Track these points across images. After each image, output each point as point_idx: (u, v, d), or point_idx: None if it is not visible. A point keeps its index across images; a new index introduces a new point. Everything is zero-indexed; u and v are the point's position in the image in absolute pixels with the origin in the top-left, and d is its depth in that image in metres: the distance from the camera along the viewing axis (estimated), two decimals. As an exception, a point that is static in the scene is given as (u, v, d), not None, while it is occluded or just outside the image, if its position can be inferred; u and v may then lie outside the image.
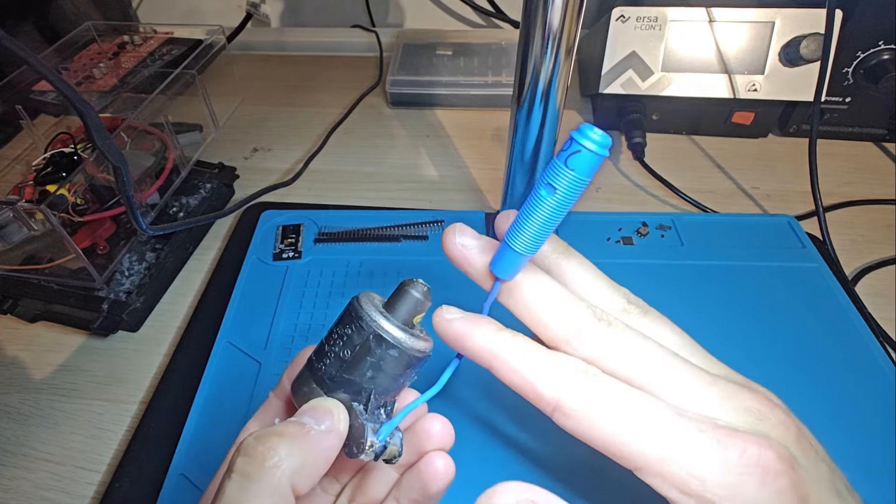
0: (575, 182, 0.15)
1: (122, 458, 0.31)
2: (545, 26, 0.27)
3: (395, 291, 0.19)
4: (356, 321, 0.18)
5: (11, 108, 0.44)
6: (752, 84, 0.48)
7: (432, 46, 0.63)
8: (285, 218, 0.43)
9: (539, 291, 0.18)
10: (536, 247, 0.17)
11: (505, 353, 0.18)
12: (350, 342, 0.18)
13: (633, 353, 0.17)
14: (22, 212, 0.34)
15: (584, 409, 0.16)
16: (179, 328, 0.39)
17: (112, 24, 0.56)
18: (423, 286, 0.19)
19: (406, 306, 0.19)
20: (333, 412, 0.18)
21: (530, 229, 0.17)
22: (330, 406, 0.18)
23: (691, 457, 0.15)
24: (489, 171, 0.51)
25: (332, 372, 0.18)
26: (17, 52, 0.21)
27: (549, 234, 0.17)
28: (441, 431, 0.20)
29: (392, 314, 0.18)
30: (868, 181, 0.49)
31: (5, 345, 0.38)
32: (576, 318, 0.18)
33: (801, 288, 0.38)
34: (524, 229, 0.17)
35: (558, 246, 0.20)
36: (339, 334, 0.19)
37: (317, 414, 0.18)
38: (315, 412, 0.18)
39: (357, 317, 0.18)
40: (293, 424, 0.17)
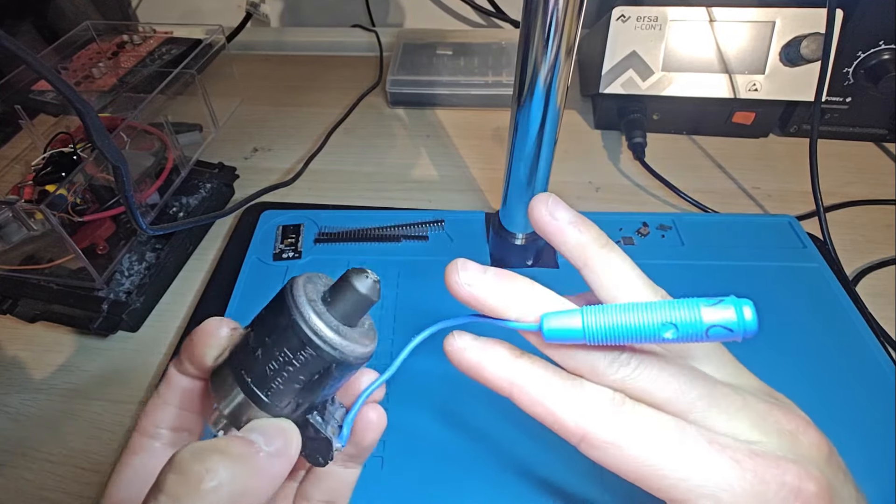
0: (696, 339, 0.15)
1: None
2: (545, 26, 0.27)
3: (338, 281, 0.17)
4: (288, 317, 0.16)
5: (10, 107, 0.44)
6: (753, 84, 0.48)
7: (432, 46, 0.63)
8: (285, 218, 0.43)
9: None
10: (605, 340, 0.15)
11: (526, 382, 0.17)
12: (283, 341, 0.16)
13: (662, 380, 0.16)
14: (21, 212, 0.34)
15: (613, 441, 0.16)
16: (179, 328, 0.39)
17: (111, 24, 0.56)
18: (370, 278, 0.16)
19: (347, 302, 0.16)
20: (287, 433, 0.16)
21: (616, 333, 0.15)
22: (284, 426, 0.16)
23: (728, 490, 0.15)
24: (489, 171, 0.51)
25: (265, 373, 0.16)
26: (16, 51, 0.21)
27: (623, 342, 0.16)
28: (378, 420, 0.20)
29: (331, 308, 0.16)
30: (868, 181, 0.49)
31: (5, 345, 0.38)
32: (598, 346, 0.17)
33: (802, 288, 0.38)
34: (610, 329, 0.15)
35: (599, 237, 0.19)
36: (270, 329, 0.16)
37: (268, 433, 0.16)
38: (266, 431, 0.16)
39: (288, 312, 0.16)
40: (239, 442, 0.16)
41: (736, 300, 0.14)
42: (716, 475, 0.15)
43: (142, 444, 0.19)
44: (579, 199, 0.48)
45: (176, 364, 0.19)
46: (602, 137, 0.55)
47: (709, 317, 0.14)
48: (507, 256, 0.39)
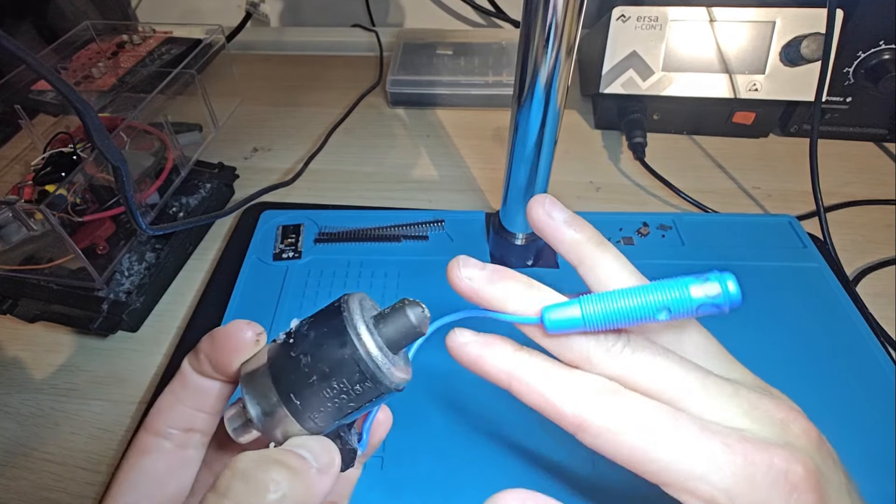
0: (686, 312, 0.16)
1: (122, 458, 0.31)
2: (546, 26, 0.27)
3: (391, 308, 0.17)
4: (348, 348, 0.16)
5: (10, 107, 0.44)
6: (753, 84, 0.48)
7: (432, 46, 0.63)
8: (285, 218, 0.43)
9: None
10: (604, 325, 0.16)
11: (524, 373, 0.17)
12: (340, 370, 0.16)
13: (656, 369, 0.17)
14: (21, 212, 0.34)
15: (609, 428, 0.16)
16: (179, 328, 0.39)
17: (111, 24, 0.56)
18: (424, 312, 0.17)
19: (398, 331, 0.16)
20: (332, 451, 0.17)
21: (613, 317, 0.16)
22: (328, 445, 0.17)
23: (718, 472, 0.15)
24: (489, 171, 0.51)
25: (316, 397, 0.16)
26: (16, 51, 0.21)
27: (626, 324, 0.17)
28: (384, 420, 0.20)
29: (382, 335, 0.16)
30: (869, 181, 0.49)
31: (5, 345, 0.38)
32: (595, 336, 0.17)
33: (802, 288, 0.38)
34: (608, 314, 0.16)
35: (594, 236, 0.19)
36: (323, 353, 0.16)
37: (315, 450, 0.16)
38: (313, 448, 0.16)
39: (349, 341, 0.16)
40: (294, 456, 0.16)
41: (720, 275, 0.15)
42: (707, 459, 0.16)
43: (152, 444, 0.19)
44: (579, 199, 0.48)
45: (193, 364, 0.19)
46: (602, 137, 0.55)
47: (697, 293, 0.15)
48: (508, 256, 0.39)
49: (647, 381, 0.17)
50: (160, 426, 0.19)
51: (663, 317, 0.16)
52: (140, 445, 0.19)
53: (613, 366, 0.17)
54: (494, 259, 0.40)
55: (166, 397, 0.19)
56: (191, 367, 0.19)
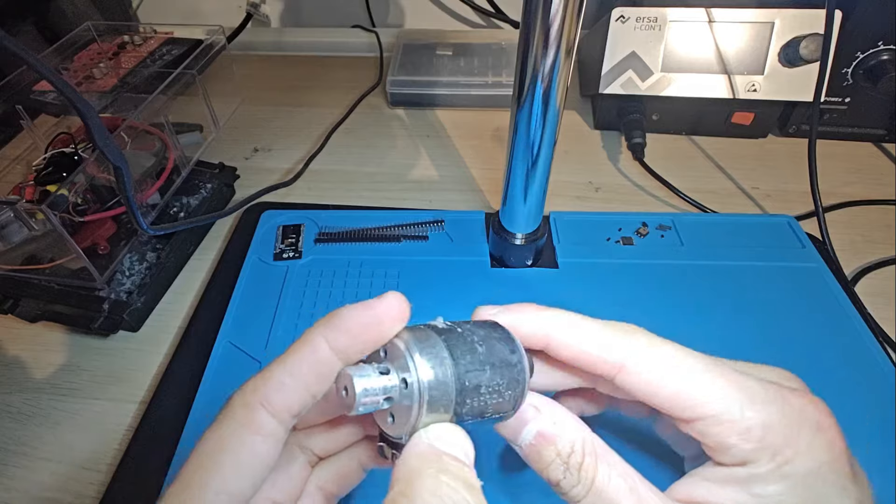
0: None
1: (122, 458, 0.31)
2: (545, 26, 0.27)
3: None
4: (510, 341, 0.17)
5: (12, 108, 0.44)
6: (752, 84, 0.48)
7: (432, 46, 0.63)
8: (286, 218, 0.43)
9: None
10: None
11: (561, 328, 0.18)
12: (500, 354, 0.17)
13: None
14: (22, 212, 0.34)
15: (652, 368, 0.17)
16: (180, 328, 0.39)
17: (112, 24, 0.56)
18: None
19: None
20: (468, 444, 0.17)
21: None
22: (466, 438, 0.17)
23: (755, 407, 0.17)
24: (489, 171, 0.51)
25: (479, 393, 0.16)
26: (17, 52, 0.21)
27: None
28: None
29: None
30: (867, 181, 0.49)
31: (6, 345, 0.39)
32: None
33: (801, 288, 0.38)
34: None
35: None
36: (489, 338, 0.17)
37: (467, 448, 0.16)
38: (465, 447, 0.16)
39: (509, 336, 0.18)
40: (470, 471, 0.16)
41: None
42: (745, 394, 0.17)
43: (268, 424, 0.16)
44: (579, 199, 0.48)
45: (329, 336, 0.17)
46: (602, 137, 0.55)
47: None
48: (507, 256, 0.39)
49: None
50: (279, 406, 0.16)
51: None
52: (255, 422, 0.16)
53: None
54: (494, 258, 0.40)
55: (288, 374, 0.17)
56: (325, 340, 0.17)
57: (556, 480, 0.17)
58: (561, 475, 0.17)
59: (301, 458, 0.21)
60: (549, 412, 0.18)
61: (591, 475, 0.17)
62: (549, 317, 0.19)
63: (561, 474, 0.17)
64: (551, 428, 0.17)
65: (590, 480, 0.17)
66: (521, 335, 0.18)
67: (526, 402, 0.18)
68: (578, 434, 0.17)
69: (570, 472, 0.17)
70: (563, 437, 0.17)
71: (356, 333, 0.16)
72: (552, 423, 0.17)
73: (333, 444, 0.21)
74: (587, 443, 0.17)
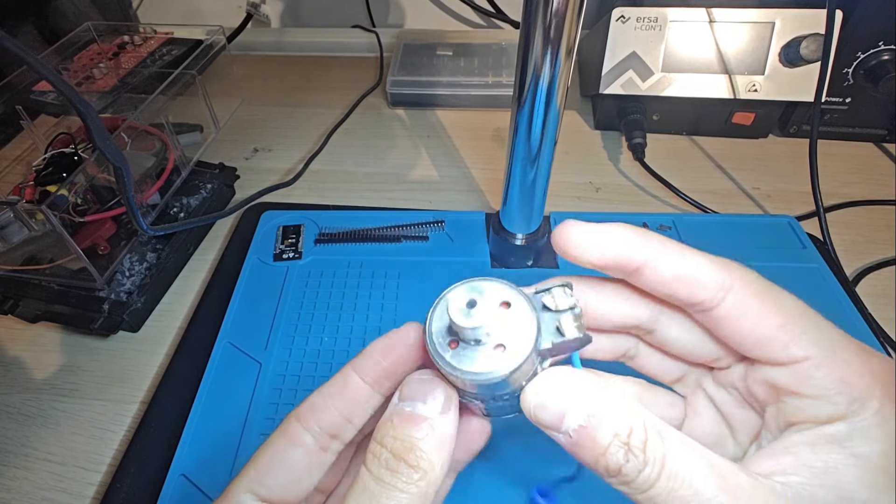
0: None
1: (122, 458, 0.31)
2: (545, 26, 0.27)
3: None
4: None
5: (12, 108, 0.44)
6: (753, 84, 0.48)
7: (432, 47, 0.63)
8: (286, 218, 0.43)
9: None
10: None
11: (661, 251, 0.17)
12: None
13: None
14: (22, 212, 0.34)
15: (756, 301, 0.17)
16: (180, 328, 0.39)
17: (112, 25, 0.56)
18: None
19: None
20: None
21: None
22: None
23: (858, 353, 0.16)
24: (489, 171, 0.51)
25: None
26: (17, 52, 0.21)
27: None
28: (482, 429, 0.20)
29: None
30: (868, 182, 0.49)
31: (6, 345, 0.39)
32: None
33: (802, 288, 0.37)
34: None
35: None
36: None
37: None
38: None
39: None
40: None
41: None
42: (838, 348, 0.17)
43: (302, 436, 0.18)
44: (579, 200, 0.48)
45: (359, 368, 0.19)
46: (602, 138, 0.55)
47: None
48: (508, 257, 0.39)
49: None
50: (310, 422, 0.18)
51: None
52: (291, 434, 0.18)
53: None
54: (494, 259, 0.40)
55: (321, 396, 0.19)
56: (355, 372, 0.19)
57: (616, 468, 0.14)
58: (623, 459, 0.14)
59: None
60: (595, 392, 0.15)
61: (661, 453, 0.14)
62: (648, 238, 0.17)
63: (623, 458, 0.14)
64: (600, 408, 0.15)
65: (660, 460, 0.14)
66: (614, 258, 0.17)
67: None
68: (636, 411, 0.15)
69: (634, 455, 0.14)
70: (617, 417, 0.15)
71: (377, 359, 0.18)
72: (599, 404, 0.15)
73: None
74: (648, 419, 0.15)
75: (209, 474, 0.29)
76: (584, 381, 0.16)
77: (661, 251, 0.17)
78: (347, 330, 0.36)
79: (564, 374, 0.16)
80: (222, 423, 0.31)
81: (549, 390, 0.16)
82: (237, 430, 0.31)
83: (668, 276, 0.17)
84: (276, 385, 0.33)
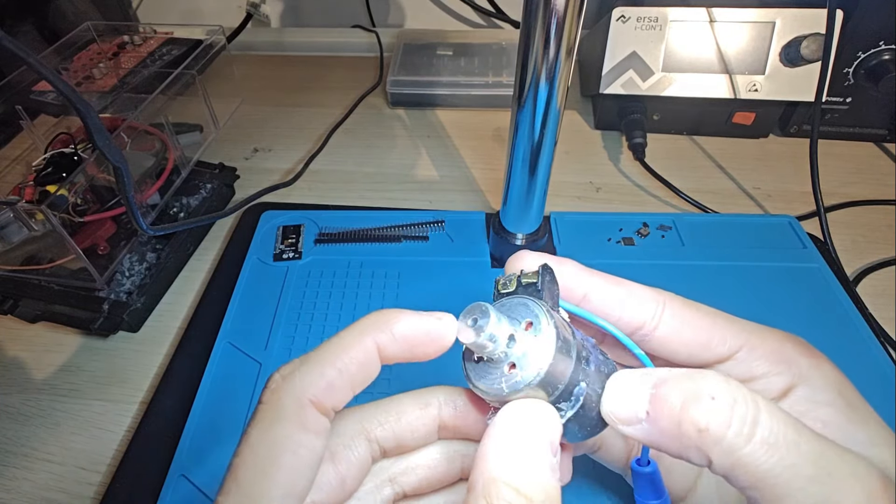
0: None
1: (122, 458, 0.31)
2: (546, 26, 0.27)
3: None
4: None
5: (11, 108, 0.44)
6: (753, 84, 0.48)
7: (433, 46, 0.63)
8: (286, 218, 0.43)
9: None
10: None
11: (604, 279, 0.19)
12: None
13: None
14: (22, 212, 0.34)
15: (688, 309, 0.19)
16: (180, 328, 0.39)
17: (112, 25, 0.56)
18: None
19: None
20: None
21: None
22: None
23: (766, 339, 0.19)
24: (489, 171, 0.51)
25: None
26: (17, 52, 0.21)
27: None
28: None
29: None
30: (869, 181, 0.49)
31: (6, 345, 0.39)
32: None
33: (802, 288, 0.38)
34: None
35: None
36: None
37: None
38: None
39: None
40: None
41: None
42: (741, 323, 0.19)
43: (320, 424, 0.16)
44: (580, 200, 0.48)
45: (382, 341, 0.17)
46: (602, 138, 0.55)
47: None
48: (508, 257, 0.39)
49: None
50: (328, 405, 0.16)
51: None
52: (310, 421, 0.16)
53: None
54: (494, 259, 0.40)
55: (336, 373, 0.16)
56: (376, 342, 0.17)
57: (704, 420, 0.13)
58: (705, 409, 0.13)
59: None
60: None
61: (753, 402, 0.14)
62: (589, 274, 0.19)
63: (706, 407, 0.13)
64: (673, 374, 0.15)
65: (751, 414, 0.13)
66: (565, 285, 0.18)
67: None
68: (701, 372, 0.15)
69: (718, 401, 0.13)
70: (684, 373, 0.15)
71: (410, 345, 0.17)
72: (661, 371, 0.15)
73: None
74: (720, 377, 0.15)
75: (209, 474, 0.29)
76: (639, 372, 0.16)
77: (603, 279, 0.19)
78: (347, 330, 0.36)
79: (623, 377, 0.16)
80: (222, 424, 0.31)
81: (616, 389, 0.16)
82: (237, 430, 0.31)
83: (612, 301, 0.18)
84: (276, 385, 0.33)
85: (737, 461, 0.13)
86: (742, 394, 0.14)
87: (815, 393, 0.17)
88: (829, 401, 0.17)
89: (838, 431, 0.17)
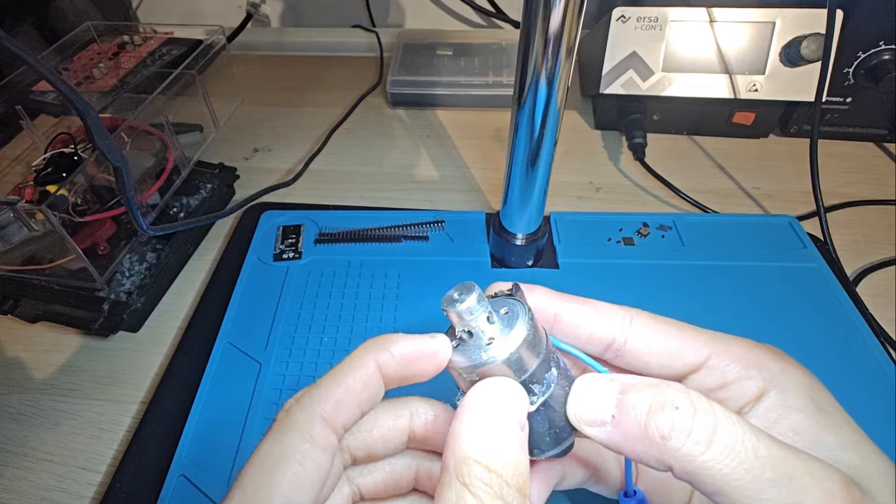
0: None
1: (122, 458, 0.31)
2: (546, 26, 0.27)
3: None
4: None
5: (11, 108, 0.44)
6: (753, 84, 0.48)
7: (433, 46, 0.63)
8: (286, 218, 0.43)
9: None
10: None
11: (574, 301, 0.20)
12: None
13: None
14: (22, 212, 0.34)
15: (655, 321, 0.19)
16: (180, 328, 0.39)
17: (112, 25, 0.56)
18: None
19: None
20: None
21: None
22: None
23: (732, 346, 0.19)
24: (489, 171, 0.51)
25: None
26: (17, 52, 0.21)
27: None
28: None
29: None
30: (869, 181, 0.49)
31: (6, 345, 0.39)
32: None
33: (803, 288, 0.38)
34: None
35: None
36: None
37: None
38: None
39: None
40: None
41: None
42: (715, 336, 0.19)
43: (330, 441, 0.16)
44: (580, 200, 0.48)
45: (382, 361, 0.17)
46: (602, 137, 0.55)
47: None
48: (508, 257, 0.39)
49: None
50: (338, 422, 0.17)
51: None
52: (317, 435, 0.16)
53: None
54: (494, 259, 0.40)
55: (343, 391, 0.17)
56: (376, 362, 0.17)
57: (668, 426, 0.14)
58: (670, 417, 0.14)
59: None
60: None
61: (713, 412, 0.14)
62: (559, 297, 0.20)
63: (670, 414, 0.14)
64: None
65: (711, 424, 0.14)
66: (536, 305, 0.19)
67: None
68: (665, 382, 0.16)
69: (681, 408, 0.14)
70: (650, 382, 0.16)
71: (407, 363, 0.17)
72: (628, 378, 0.16)
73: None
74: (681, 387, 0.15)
75: (209, 474, 0.29)
76: (606, 375, 0.17)
77: (571, 300, 0.19)
78: (347, 330, 0.36)
79: (591, 377, 0.17)
80: (222, 424, 0.31)
81: (583, 390, 0.17)
82: (237, 430, 0.31)
83: (581, 319, 0.19)
84: (276, 385, 0.33)
85: (698, 467, 0.14)
86: (702, 404, 0.15)
87: (787, 398, 0.17)
88: (800, 406, 0.17)
89: (809, 437, 0.17)
